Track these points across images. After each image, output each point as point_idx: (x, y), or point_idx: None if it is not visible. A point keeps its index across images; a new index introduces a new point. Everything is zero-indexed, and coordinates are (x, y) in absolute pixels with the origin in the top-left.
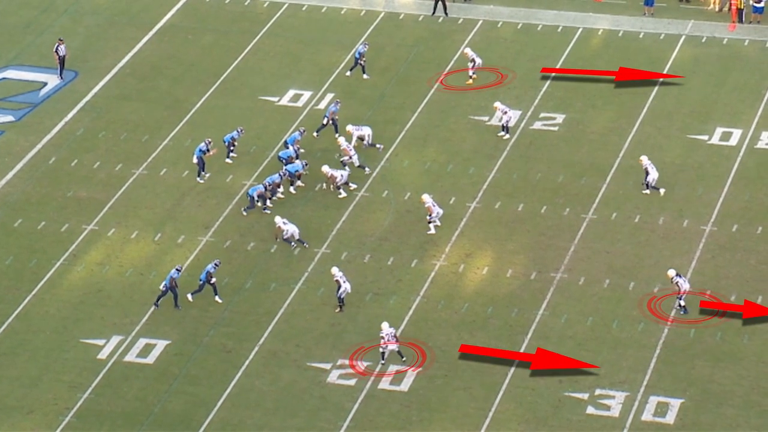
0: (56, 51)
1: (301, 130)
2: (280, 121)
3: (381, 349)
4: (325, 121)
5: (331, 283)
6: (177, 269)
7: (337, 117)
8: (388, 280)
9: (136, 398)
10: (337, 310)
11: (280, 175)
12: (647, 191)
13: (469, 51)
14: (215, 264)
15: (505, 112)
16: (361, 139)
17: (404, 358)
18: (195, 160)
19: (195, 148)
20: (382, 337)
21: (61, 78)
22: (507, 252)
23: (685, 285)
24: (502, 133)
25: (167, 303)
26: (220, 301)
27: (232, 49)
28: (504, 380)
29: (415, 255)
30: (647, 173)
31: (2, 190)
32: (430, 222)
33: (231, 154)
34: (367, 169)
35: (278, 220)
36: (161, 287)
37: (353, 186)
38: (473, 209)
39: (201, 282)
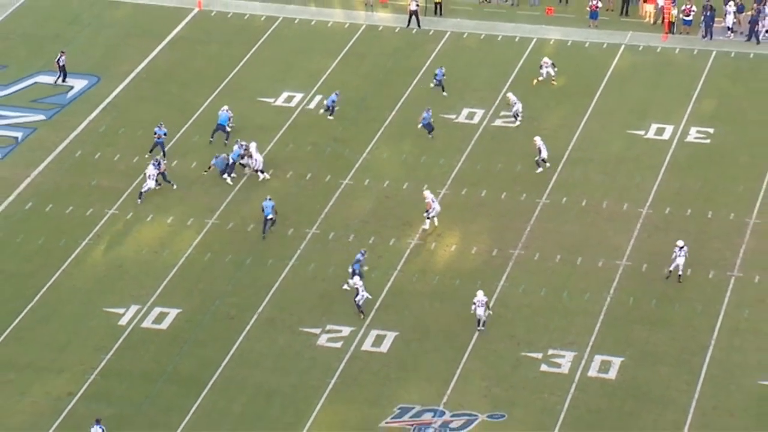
0: (57, 62)
1: (337, 93)
2: (275, 119)
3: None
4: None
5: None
6: (269, 198)
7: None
8: (369, 256)
9: (152, 359)
10: (361, 316)
11: (239, 146)
12: (540, 170)
13: (546, 59)
14: (362, 252)
15: (514, 104)
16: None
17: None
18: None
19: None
20: (474, 303)
21: (64, 82)
22: (472, 232)
23: (679, 259)
24: (514, 120)
25: (178, 279)
26: (347, 289)
27: (234, 57)
28: (469, 342)
29: (392, 235)
30: (540, 151)
31: (35, 179)
32: (427, 218)
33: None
34: (262, 175)
35: (149, 170)
36: (270, 216)
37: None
38: (443, 195)
39: (356, 271)
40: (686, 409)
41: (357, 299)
